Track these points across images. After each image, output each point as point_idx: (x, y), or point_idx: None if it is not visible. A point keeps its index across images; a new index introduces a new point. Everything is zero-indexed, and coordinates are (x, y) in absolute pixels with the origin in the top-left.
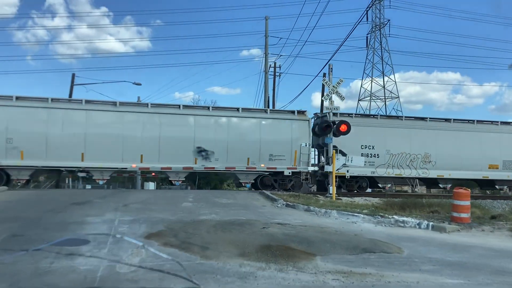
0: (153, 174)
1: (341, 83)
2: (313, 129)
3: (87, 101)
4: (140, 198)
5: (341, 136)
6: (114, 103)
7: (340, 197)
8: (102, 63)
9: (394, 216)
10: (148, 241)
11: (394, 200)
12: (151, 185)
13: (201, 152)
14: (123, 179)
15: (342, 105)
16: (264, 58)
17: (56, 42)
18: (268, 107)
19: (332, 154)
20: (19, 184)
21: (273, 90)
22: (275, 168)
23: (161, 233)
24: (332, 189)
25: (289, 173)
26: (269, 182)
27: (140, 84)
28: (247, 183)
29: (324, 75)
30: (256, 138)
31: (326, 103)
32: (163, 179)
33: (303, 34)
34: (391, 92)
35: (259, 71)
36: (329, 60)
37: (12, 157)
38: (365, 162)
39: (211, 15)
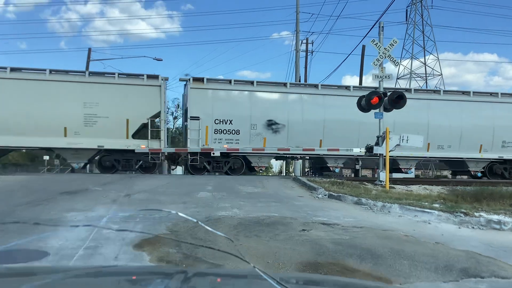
0: None
1: (394, 45)
2: (357, 103)
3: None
4: (151, 185)
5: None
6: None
7: (393, 185)
8: (134, 50)
9: (481, 214)
10: (136, 254)
11: (463, 189)
12: None
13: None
14: None
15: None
16: (295, 35)
17: (89, 29)
18: None
19: (386, 132)
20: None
21: (305, 68)
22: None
23: (159, 239)
24: (386, 175)
25: None
26: (499, 170)
27: (161, 60)
28: (477, 171)
29: (373, 40)
30: (489, 124)
31: (375, 71)
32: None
33: (336, 7)
34: (433, 69)
35: (289, 51)
36: (366, 34)
37: None
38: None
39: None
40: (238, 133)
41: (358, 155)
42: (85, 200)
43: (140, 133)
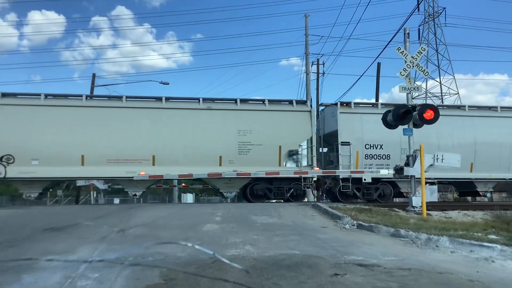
0: None
1: (423, 53)
2: (383, 119)
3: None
4: (151, 217)
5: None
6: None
7: (428, 211)
8: (144, 78)
9: None
10: None
11: (508, 214)
12: None
13: None
14: None
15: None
16: (304, 58)
17: (102, 59)
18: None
19: (420, 151)
20: None
21: (317, 90)
22: None
23: None
24: (422, 201)
25: None
26: None
27: (168, 83)
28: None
29: (399, 48)
30: None
31: (402, 84)
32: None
33: (347, 29)
34: (449, 88)
35: (299, 74)
36: (377, 57)
37: None
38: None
39: (249, 27)
40: (388, 158)
41: (384, 177)
42: (70, 238)
43: (291, 159)
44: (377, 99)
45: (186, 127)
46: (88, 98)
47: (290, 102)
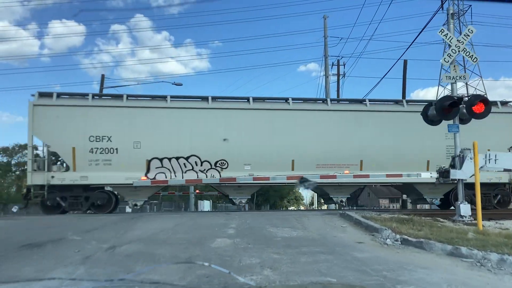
0: None
1: (470, 35)
2: (423, 113)
3: None
4: (153, 229)
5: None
6: None
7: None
8: (164, 86)
9: None
10: None
11: None
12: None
13: None
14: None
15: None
16: (323, 60)
17: (121, 65)
18: None
19: (474, 150)
20: None
21: (337, 92)
22: None
23: None
24: (478, 210)
25: None
26: None
27: (181, 85)
28: None
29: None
30: None
31: (446, 72)
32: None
33: (367, 30)
34: (476, 88)
35: (317, 84)
36: (400, 58)
37: None
38: None
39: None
40: None
41: (423, 181)
42: (45, 258)
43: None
44: (403, 95)
45: (388, 130)
46: (294, 101)
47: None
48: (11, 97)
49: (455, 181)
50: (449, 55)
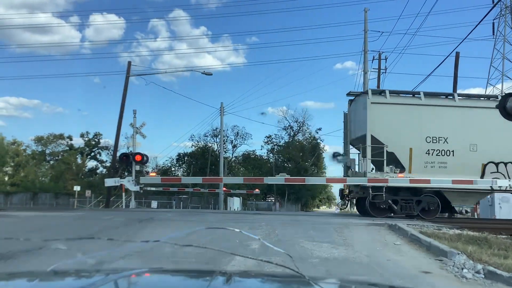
0: None
1: None
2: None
3: None
4: (159, 236)
5: None
6: None
7: None
8: (199, 79)
9: None
10: None
11: None
12: None
13: None
14: None
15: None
16: (363, 56)
17: (158, 62)
18: None
19: None
20: None
21: (378, 88)
22: None
23: None
24: None
25: None
26: None
27: (211, 74)
28: None
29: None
30: None
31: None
32: None
33: (412, 23)
34: None
35: (355, 80)
36: (449, 55)
37: None
38: None
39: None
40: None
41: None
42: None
43: None
44: (454, 88)
45: None
46: None
47: None
48: (53, 87)
49: None
50: None
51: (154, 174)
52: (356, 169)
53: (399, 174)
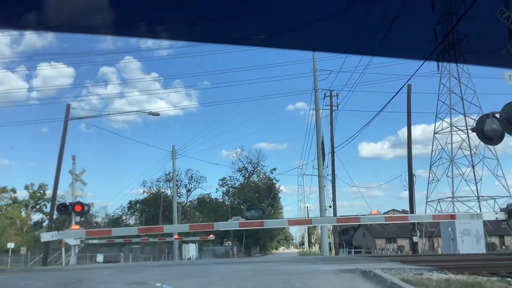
0: None
1: None
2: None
3: None
4: None
5: None
6: None
7: None
8: (152, 125)
9: None
10: None
11: None
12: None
13: None
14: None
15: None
16: (313, 94)
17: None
18: (323, 154)
19: None
20: None
21: (331, 125)
22: None
23: None
24: None
25: None
26: None
27: (158, 114)
28: None
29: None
30: None
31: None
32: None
33: (361, 61)
34: (475, 120)
35: (307, 118)
36: (399, 90)
37: None
38: None
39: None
40: None
41: None
42: None
43: None
44: (409, 127)
45: None
46: None
47: None
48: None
49: None
50: None
51: (77, 226)
52: None
53: None
